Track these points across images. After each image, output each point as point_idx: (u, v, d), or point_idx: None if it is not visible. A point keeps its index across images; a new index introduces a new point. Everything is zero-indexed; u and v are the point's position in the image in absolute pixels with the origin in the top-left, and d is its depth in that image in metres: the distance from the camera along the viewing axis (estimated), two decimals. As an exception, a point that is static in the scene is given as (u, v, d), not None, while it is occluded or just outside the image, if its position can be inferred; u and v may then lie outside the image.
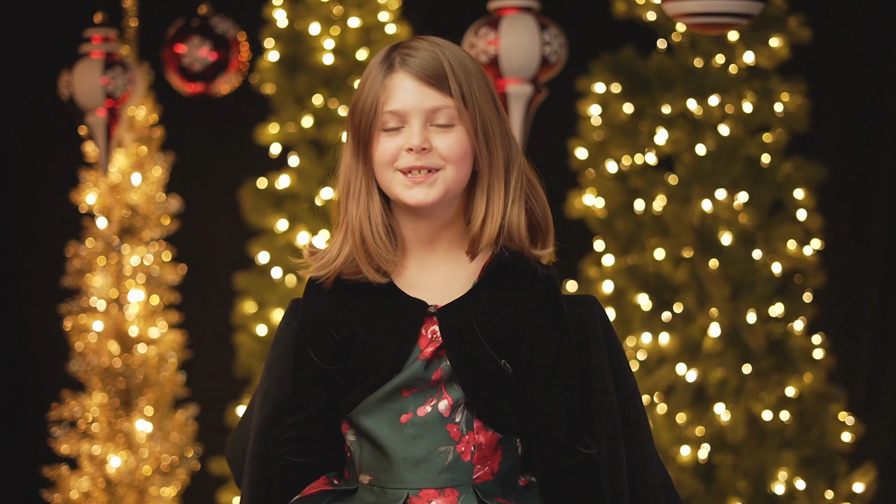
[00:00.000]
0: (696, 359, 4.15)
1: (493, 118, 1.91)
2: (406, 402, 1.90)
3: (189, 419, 4.68)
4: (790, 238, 4.20)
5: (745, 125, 4.24)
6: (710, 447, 4.16)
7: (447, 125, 1.89)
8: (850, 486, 4.19)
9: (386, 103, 1.88)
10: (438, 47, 1.90)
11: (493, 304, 1.92)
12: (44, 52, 4.88)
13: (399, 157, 1.89)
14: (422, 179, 1.88)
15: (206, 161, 5.08)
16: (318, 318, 1.95)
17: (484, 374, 1.90)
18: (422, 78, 1.88)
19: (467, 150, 1.90)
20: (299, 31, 4.52)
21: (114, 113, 3.97)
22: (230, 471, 2.22)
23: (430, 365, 1.91)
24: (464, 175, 1.91)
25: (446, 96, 1.88)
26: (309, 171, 4.45)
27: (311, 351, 1.95)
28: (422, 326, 1.91)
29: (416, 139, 1.87)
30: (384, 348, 1.91)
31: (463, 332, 1.91)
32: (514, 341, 1.92)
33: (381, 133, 1.90)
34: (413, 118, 1.88)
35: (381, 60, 1.91)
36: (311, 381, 1.96)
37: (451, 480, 1.90)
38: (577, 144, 4.37)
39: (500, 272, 1.93)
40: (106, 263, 4.59)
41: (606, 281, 4.27)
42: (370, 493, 1.93)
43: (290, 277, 4.46)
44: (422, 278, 1.94)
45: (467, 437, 1.91)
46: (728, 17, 2.65)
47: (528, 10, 3.40)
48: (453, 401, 1.90)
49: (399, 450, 1.90)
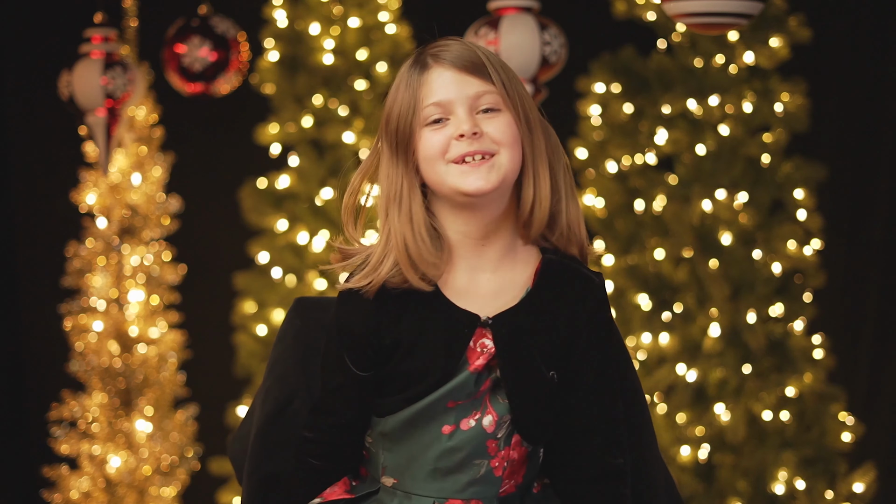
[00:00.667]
0: (696, 359, 4.15)
1: (533, 108, 1.87)
2: (449, 413, 1.86)
3: (189, 419, 4.67)
4: (790, 238, 4.20)
5: (745, 125, 4.24)
6: (710, 447, 4.16)
7: (493, 109, 1.84)
8: (850, 486, 4.19)
9: (426, 97, 1.83)
10: (469, 43, 1.87)
11: (547, 314, 1.87)
12: (44, 52, 4.88)
13: (449, 147, 1.82)
14: (478, 164, 1.81)
15: (206, 161, 5.07)
16: (358, 324, 1.87)
17: (532, 387, 1.86)
18: (460, 67, 1.83)
19: (517, 133, 1.84)
20: (299, 31, 4.51)
21: (114, 113, 3.97)
22: (233, 469, 2.22)
23: (480, 377, 1.86)
24: (518, 160, 1.84)
25: (487, 82, 1.83)
26: (309, 171, 4.45)
27: (348, 357, 1.88)
28: (471, 339, 1.85)
29: (465, 124, 1.81)
30: (430, 360, 1.85)
31: (517, 343, 1.86)
32: (565, 351, 1.88)
33: (423, 130, 1.84)
34: (458, 106, 1.82)
35: (411, 65, 1.86)
36: (342, 386, 1.90)
37: (477, 493, 1.89)
38: (577, 144, 4.37)
39: (552, 279, 1.89)
40: (106, 263, 4.59)
41: (606, 281, 4.26)
42: (392, 497, 1.92)
43: (290, 277, 4.46)
44: (472, 287, 1.88)
45: (503, 453, 1.88)
46: (728, 17, 2.65)
47: (528, 10, 3.40)
48: (498, 417, 1.87)
49: (433, 459, 1.87)
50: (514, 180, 1.85)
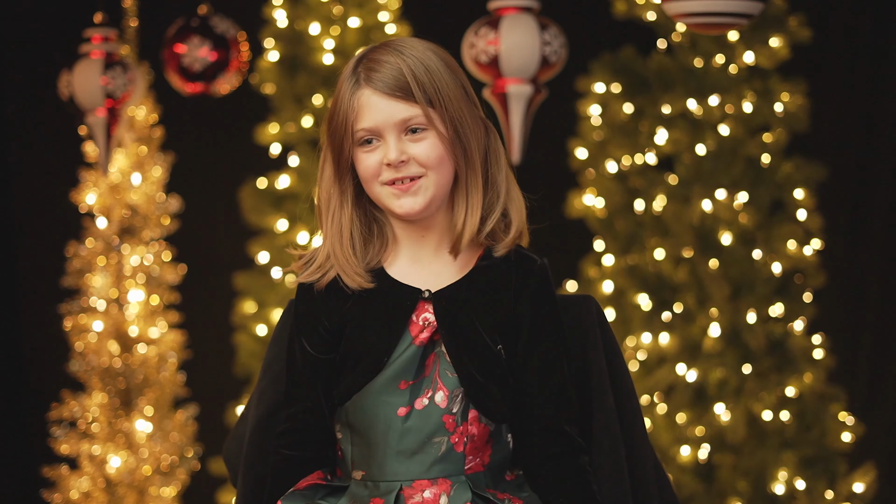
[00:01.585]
0: (696, 359, 4.15)
1: (463, 114, 1.94)
2: (403, 394, 1.92)
3: (189, 419, 4.67)
4: (790, 238, 4.20)
5: (745, 125, 4.24)
6: (710, 447, 4.16)
7: (419, 132, 1.92)
8: (850, 486, 4.19)
9: (357, 121, 1.93)
10: (400, 55, 1.92)
11: (488, 289, 1.96)
12: (44, 52, 4.88)
13: (381, 171, 1.93)
14: (406, 188, 1.92)
15: (206, 161, 5.08)
16: (309, 308, 1.98)
17: (477, 358, 1.93)
18: (387, 92, 1.91)
19: (443, 152, 1.93)
20: (299, 31, 4.52)
21: (114, 113, 3.97)
22: (227, 471, 2.22)
23: (426, 351, 1.93)
24: (446, 177, 1.95)
25: (413, 105, 1.91)
26: (309, 171, 4.45)
27: (304, 340, 1.97)
28: (413, 312, 1.94)
29: (392, 153, 1.92)
30: (374, 334, 1.94)
31: (457, 314, 1.94)
32: (510, 326, 1.95)
33: (357, 149, 1.95)
34: (386, 132, 1.92)
35: (349, 74, 1.95)
36: (303, 372, 1.98)
37: (443, 471, 1.92)
38: (577, 144, 4.37)
39: (494, 261, 1.97)
40: (106, 263, 4.59)
41: (606, 281, 4.27)
42: (363, 488, 1.94)
43: (290, 277, 4.46)
44: (415, 268, 1.98)
45: (461, 429, 1.93)
46: (728, 17, 2.65)
47: (528, 10, 3.40)
48: (449, 391, 1.92)
49: (394, 443, 1.92)
50: (444, 195, 1.96)
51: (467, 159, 1.95)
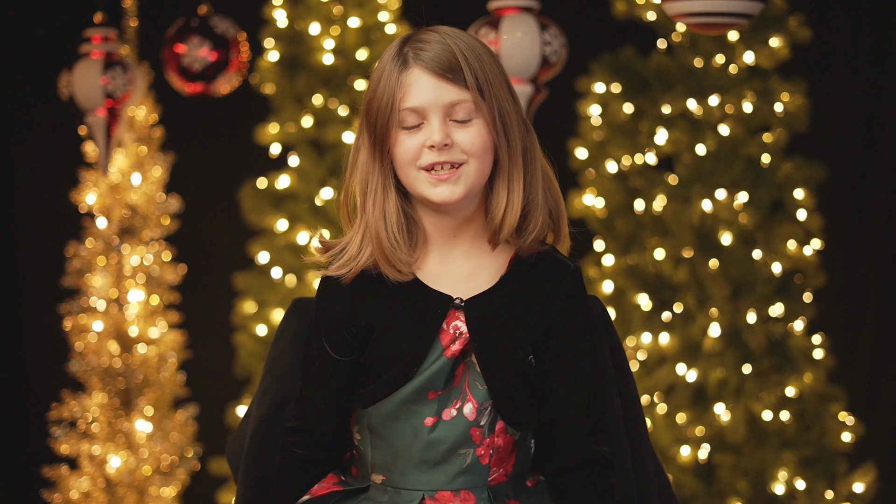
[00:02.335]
0: (696, 359, 4.15)
1: (509, 107, 1.89)
2: (431, 404, 1.88)
3: (189, 419, 4.67)
4: (790, 238, 4.20)
5: (745, 125, 4.24)
6: (710, 447, 4.16)
7: (466, 119, 1.86)
8: (850, 486, 4.19)
9: (403, 100, 1.86)
10: (450, 38, 1.87)
11: (522, 298, 1.90)
12: (44, 52, 4.88)
13: (421, 154, 1.86)
14: (446, 176, 1.86)
15: (206, 161, 5.07)
16: (335, 308, 1.91)
17: (509, 370, 1.88)
18: (437, 72, 1.85)
19: (488, 142, 1.87)
20: (299, 31, 4.51)
21: (114, 113, 3.97)
22: (230, 470, 2.22)
23: (457, 363, 1.88)
24: (486, 168, 1.88)
25: (463, 89, 1.85)
26: (309, 171, 4.45)
27: (326, 342, 1.92)
28: (444, 321, 1.88)
29: (437, 135, 1.85)
30: (403, 341, 1.88)
31: (489, 324, 1.88)
32: (542, 334, 1.90)
33: (399, 131, 1.87)
34: (432, 114, 1.86)
35: (393, 55, 1.88)
36: (321, 372, 1.93)
37: (466, 482, 1.89)
38: (577, 144, 4.37)
39: (527, 266, 1.92)
40: (106, 263, 4.59)
41: (606, 281, 4.27)
42: (383, 493, 1.92)
43: (290, 277, 4.46)
44: (445, 271, 1.92)
45: (488, 441, 1.89)
46: (728, 17, 2.65)
47: (528, 10, 3.40)
48: (478, 403, 1.88)
49: (418, 452, 1.89)
50: (481, 186, 1.89)
51: (511, 155, 1.89)
